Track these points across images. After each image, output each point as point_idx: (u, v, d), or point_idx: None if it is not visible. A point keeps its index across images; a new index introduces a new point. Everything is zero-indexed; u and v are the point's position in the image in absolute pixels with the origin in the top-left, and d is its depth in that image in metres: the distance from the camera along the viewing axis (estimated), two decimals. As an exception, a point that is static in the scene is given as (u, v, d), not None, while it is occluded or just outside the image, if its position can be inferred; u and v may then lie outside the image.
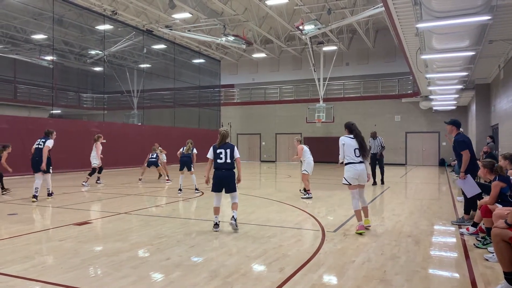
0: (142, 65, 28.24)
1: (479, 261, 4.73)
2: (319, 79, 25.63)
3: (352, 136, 6.58)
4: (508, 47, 12.95)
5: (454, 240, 5.93)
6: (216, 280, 4.03)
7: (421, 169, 22.60)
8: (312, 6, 20.75)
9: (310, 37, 22.02)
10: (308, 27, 19.88)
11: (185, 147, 11.38)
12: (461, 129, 7.18)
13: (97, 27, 22.77)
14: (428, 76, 15.29)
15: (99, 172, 13.20)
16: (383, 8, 10.92)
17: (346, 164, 6.35)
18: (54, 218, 7.51)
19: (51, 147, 9.34)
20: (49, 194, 9.74)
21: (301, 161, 10.55)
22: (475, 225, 6.04)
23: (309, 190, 10.27)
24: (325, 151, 27.41)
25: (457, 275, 4.34)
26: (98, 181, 13.37)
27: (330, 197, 10.77)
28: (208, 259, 4.77)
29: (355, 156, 6.31)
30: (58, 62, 26.08)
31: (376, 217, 7.74)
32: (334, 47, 25.88)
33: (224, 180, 6.23)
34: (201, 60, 29.97)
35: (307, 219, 7.28)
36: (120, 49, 24.85)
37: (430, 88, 18.25)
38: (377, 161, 13.63)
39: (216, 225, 6.31)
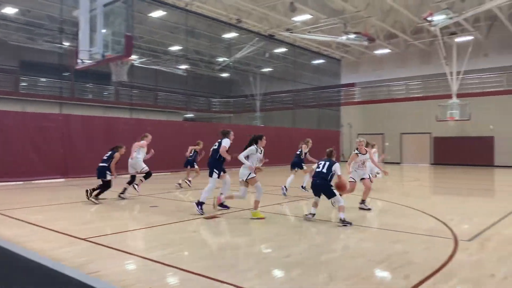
0: (264, 69, 29.38)
1: None
2: (451, 73, 23.34)
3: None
4: None
5: None
6: (336, 281, 3.97)
7: None
8: (442, -6, 19.02)
9: (440, 28, 20.19)
10: (438, 18, 18.24)
11: None
12: None
13: (223, 36, 24.42)
14: None
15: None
16: (532, -13, 9.45)
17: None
18: (187, 211, 8.27)
19: (228, 147, 8.10)
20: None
21: None
22: None
23: None
24: (458, 153, 24.92)
25: None
26: None
27: (464, 203, 9.73)
28: (328, 260, 4.73)
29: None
30: (190, 71, 28.70)
31: (523, 228, 6.72)
32: (469, 37, 23.27)
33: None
34: (321, 61, 29.84)
35: (438, 226, 6.69)
36: (244, 55, 26.21)
37: None
38: None
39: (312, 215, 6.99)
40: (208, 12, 21.96)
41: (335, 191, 6.78)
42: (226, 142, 8.11)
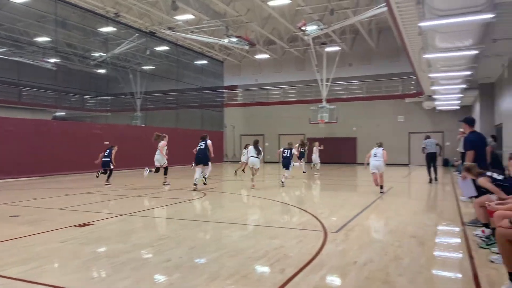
0: (145, 67, 28.28)
1: (483, 262, 4.66)
2: (322, 80, 25.56)
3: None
4: (512, 46, 12.84)
5: (458, 240, 5.86)
6: (217, 281, 3.99)
7: (424, 169, 22.43)
8: (314, 7, 20.70)
9: (312, 38, 21.96)
10: (311, 28, 19.81)
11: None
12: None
13: (100, 29, 22.81)
14: (431, 75, 15.19)
15: (165, 173, 12.97)
16: (386, 8, 10.85)
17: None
18: (56, 220, 7.49)
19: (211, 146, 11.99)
20: (205, 184, 12.03)
21: None
22: (487, 225, 5.62)
23: None
24: (328, 152, 27.29)
25: (461, 276, 4.28)
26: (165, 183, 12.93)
27: (334, 198, 10.71)
28: (209, 261, 4.74)
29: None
30: (61, 65, 26.15)
31: (379, 217, 7.67)
32: (337, 48, 25.79)
33: None
34: (204, 62, 29.96)
35: (310, 220, 7.23)
36: (123, 51, 24.88)
37: (433, 87, 18.14)
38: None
39: None
40: (82, 2, 20.31)
41: (291, 167, 13.40)
42: (210, 144, 11.92)
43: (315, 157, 19.24)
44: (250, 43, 22.42)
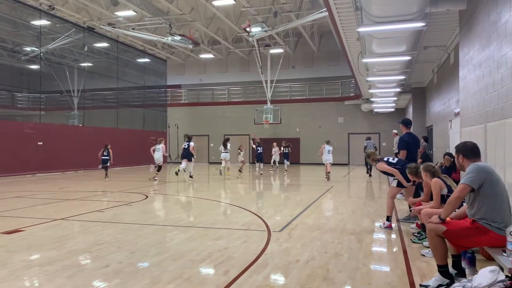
0: (83, 64, 26.92)
1: (415, 256, 4.96)
2: (266, 81, 25.87)
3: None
4: (441, 53, 13.83)
5: (393, 236, 6.19)
6: (158, 285, 3.89)
7: (363, 168, 23.50)
8: (259, 9, 20.88)
9: (257, 40, 22.14)
10: (255, 29, 19.96)
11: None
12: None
13: (32, 22, 21.36)
14: (369, 79, 15.95)
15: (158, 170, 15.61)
16: (326, 13, 11.21)
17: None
18: (-20, 227, 6.90)
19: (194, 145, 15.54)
20: (191, 176, 15.39)
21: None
22: (388, 218, 6.58)
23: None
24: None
25: (395, 270, 4.51)
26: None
27: (277, 197, 10.86)
28: (150, 265, 4.60)
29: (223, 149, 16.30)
30: (-12, 59, 24.20)
31: (321, 215, 7.90)
32: (281, 50, 26.24)
33: None
34: (146, 60, 29.12)
35: (254, 220, 7.28)
36: (59, 46, 23.53)
37: (371, 91, 19.05)
38: None
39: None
40: (12, -8, 18.90)
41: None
42: (192, 144, 15.30)
43: (275, 157, 21.27)
44: (194, 42, 22.13)
